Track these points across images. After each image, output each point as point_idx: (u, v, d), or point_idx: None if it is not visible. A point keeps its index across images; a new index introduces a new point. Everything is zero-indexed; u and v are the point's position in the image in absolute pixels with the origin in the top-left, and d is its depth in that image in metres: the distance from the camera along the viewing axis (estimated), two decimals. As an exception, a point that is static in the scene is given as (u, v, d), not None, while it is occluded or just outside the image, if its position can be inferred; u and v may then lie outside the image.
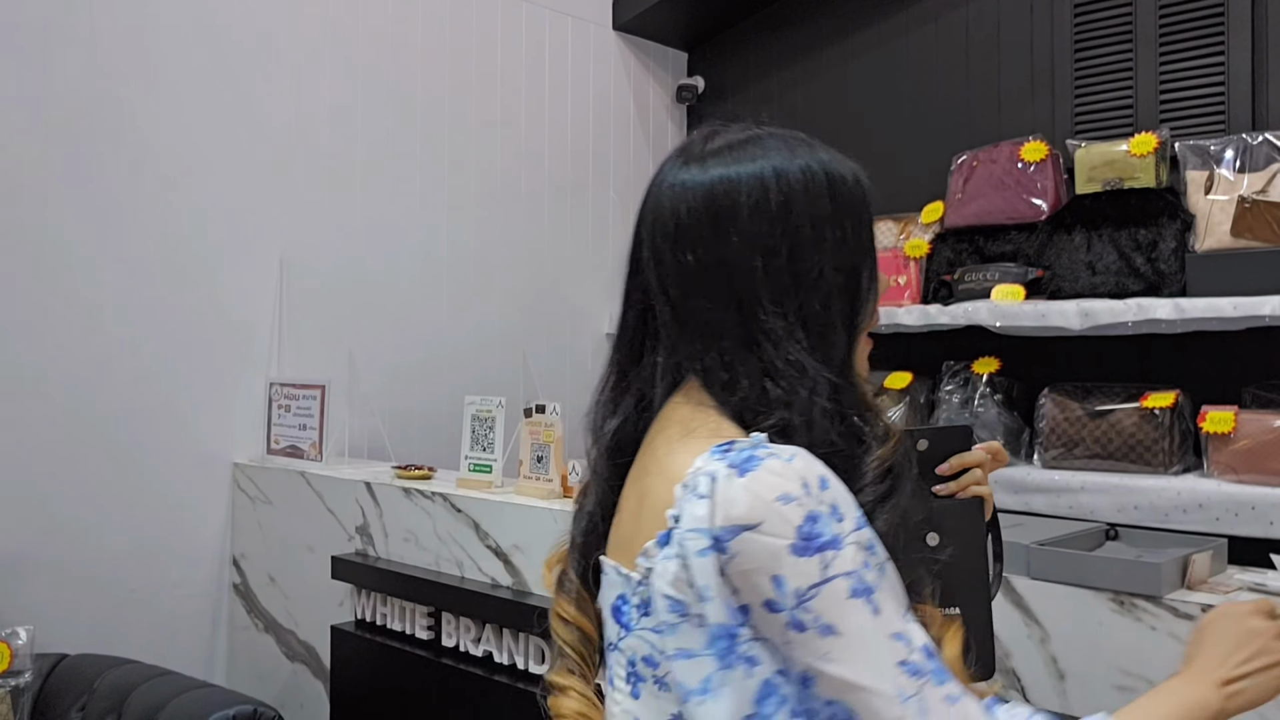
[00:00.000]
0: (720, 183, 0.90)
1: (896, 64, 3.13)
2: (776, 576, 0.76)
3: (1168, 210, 2.33)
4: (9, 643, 1.96)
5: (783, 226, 0.89)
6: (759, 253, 0.88)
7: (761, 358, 0.87)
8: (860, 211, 0.94)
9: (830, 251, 0.91)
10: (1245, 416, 2.15)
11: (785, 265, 0.89)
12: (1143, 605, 1.58)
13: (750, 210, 0.89)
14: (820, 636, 0.76)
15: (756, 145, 0.93)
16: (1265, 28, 2.45)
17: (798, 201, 0.90)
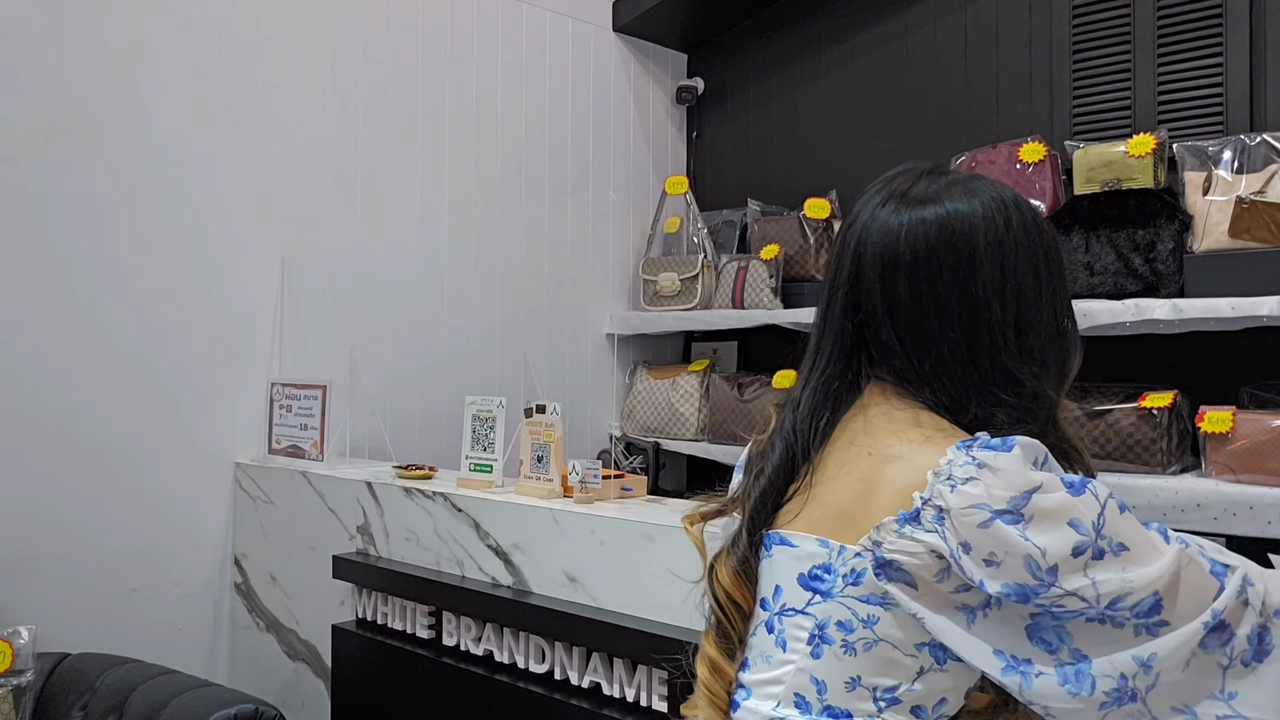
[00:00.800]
0: (959, 221, 1.01)
1: (895, 65, 3.13)
2: (1073, 520, 0.88)
3: (1166, 211, 2.34)
4: (11, 642, 1.96)
5: (1014, 271, 1.01)
6: (994, 293, 1.00)
7: (995, 388, 0.99)
8: (1063, 263, 1.07)
9: (1047, 299, 1.03)
10: (1243, 417, 2.15)
11: (1014, 308, 1.01)
12: (1140, 604, 1.58)
13: (987, 253, 1.00)
14: (1116, 555, 0.88)
15: (983, 187, 1.04)
16: (1263, 29, 2.45)
17: (1024, 251, 1.02)
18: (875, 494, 0.96)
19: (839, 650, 0.95)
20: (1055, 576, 0.87)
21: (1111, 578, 0.87)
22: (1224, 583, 0.89)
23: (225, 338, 2.59)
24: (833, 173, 3.22)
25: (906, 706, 0.94)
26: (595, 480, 1.99)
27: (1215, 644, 0.88)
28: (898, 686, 0.94)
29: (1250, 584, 0.90)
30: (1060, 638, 0.90)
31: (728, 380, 3.14)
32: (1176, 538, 0.92)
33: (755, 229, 3.25)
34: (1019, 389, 0.99)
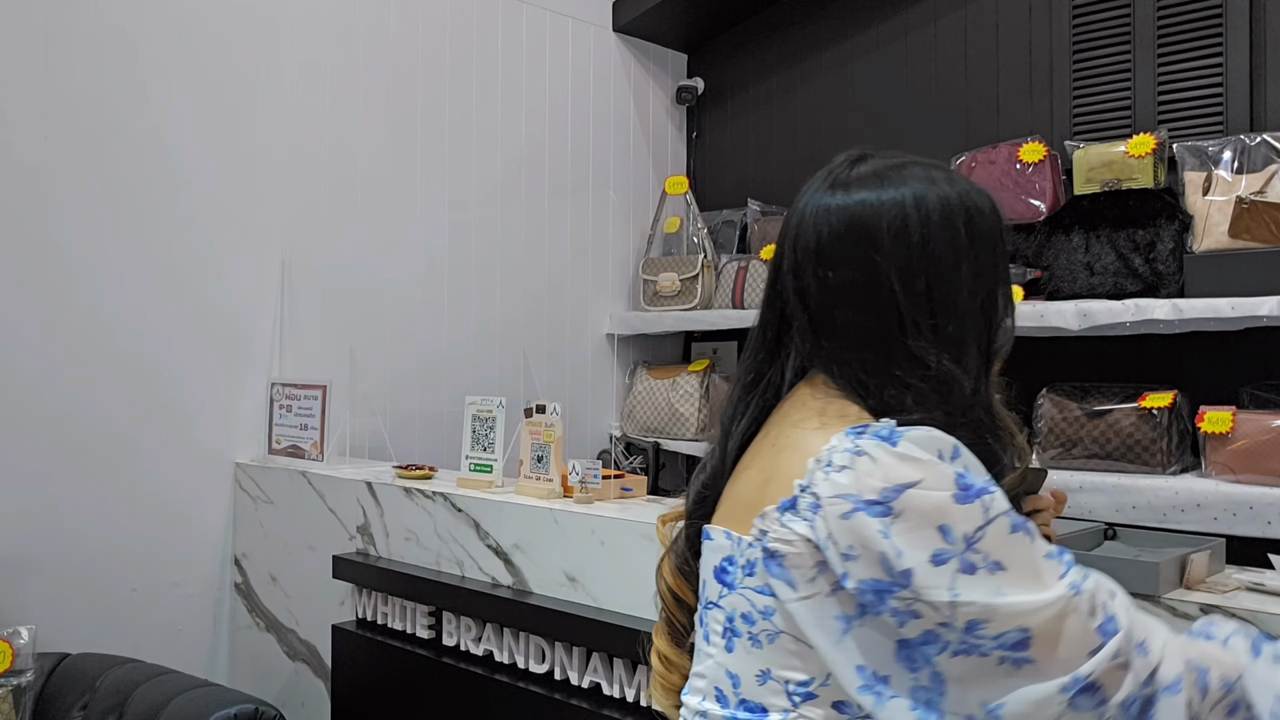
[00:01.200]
0: (862, 207, 1.00)
1: (895, 65, 3.13)
2: (944, 526, 0.84)
3: (1166, 211, 2.34)
4: (11, 642, 1.96)
5: (921, 253, 0.98)
6: (899, 276, 0.97)
7: (900, 370, 0.96)
8: (995, 242, 1.06)
9: (966, 279, 1.01)
10: (1243, 416, 2.15)
11: (924, 290, 0.98)
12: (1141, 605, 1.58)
13: (891, 236, 0.98)
14: (990, 573, 0.83)
15: (898, 173, 1.04)
16: (1263, 29, 2.45)
17: (936, 231, 1.00)
18: (771, 483, 0.95)
19: (747, 643, 0.93)
20: (909, 580, 0.83)
21: (976, 598, 0.82)
22: (1106, 642, 0.83)
23: (225, 338, 2.59)
24: (833, 173, 3.21)
25: (826, 701, 0.89)
26: (595, 480, 1.99)
27: (1087, 706, 0.82)
28: (810, 681, 0.90)
29: (1144, 651, 0.84)
30: (927, 660, 0.84)
31: (728, 380, 3.14)
32: (1079, 582, 0.86)
33: (755, 229, 3.25)
34: (926, 372, 0.97)
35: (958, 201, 1.04)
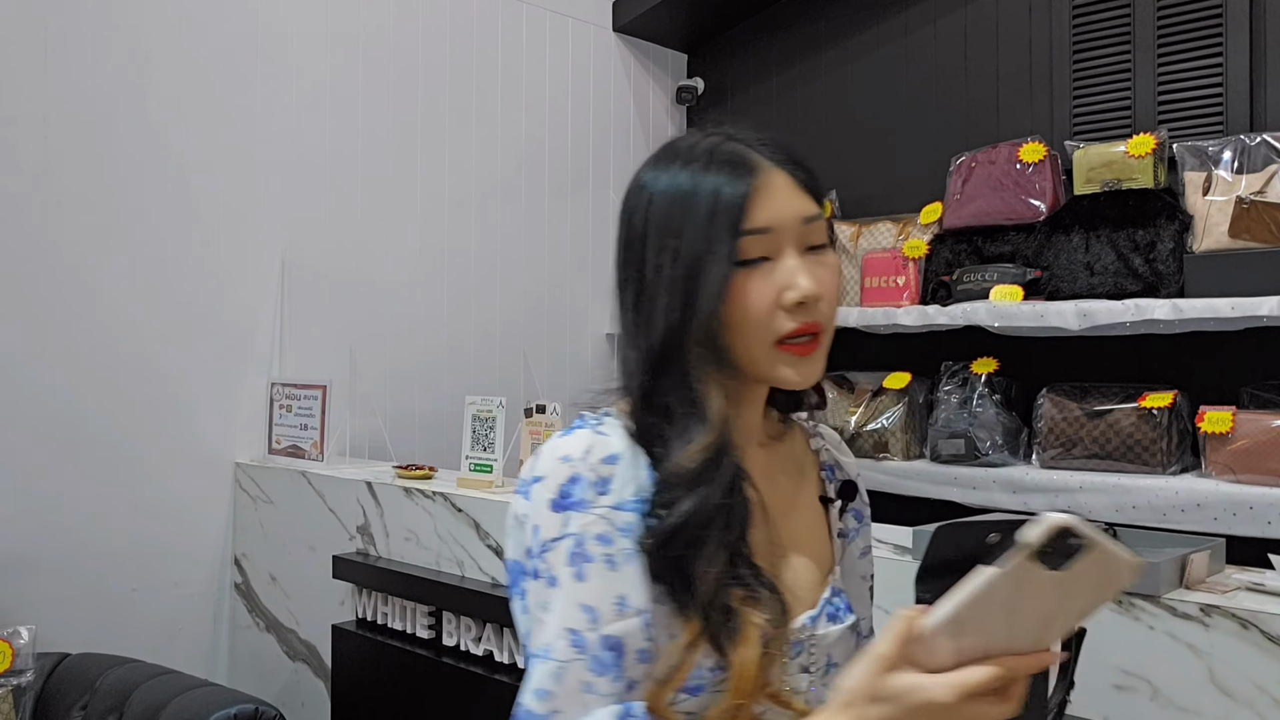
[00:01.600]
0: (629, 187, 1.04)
1: (896, 65, 3.13)
2: (536, 526, 0.90)
3: (1166, 211, 2.34)
4: (11, 642, 1.96)
5: (622, 239, 1.02)
6: (616, 262, 1.02)
7: (622, 358, 1.03)
8: (682, 222, 0.99)
9: (651, 263, 0.99)
10: (1243, 416, 2.15)
11: (621, 278, 1.02)
12: (1141, 605, 1.58)
13: (621, 214, 1.03)
14: (546, 587, 0.89)
15: (654, 155, 1.04)
16: (1263, 29, 2.45)
17: (627, 215, 1.02)
18: None
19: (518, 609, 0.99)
20: (509, 567, 0.94)
21: (530, 603, 0.91)
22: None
23: (225, 338, 2.60)
24: (833, 173, 3.22)
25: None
26: (595, 480, 1.98)
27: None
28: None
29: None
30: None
31: (728, 380, 3.14)
32: (553, 654, 0.88)
33: (755, 229, 3.25)
34: (626, 354, 1.02)
35: (650, 187, 1.01)
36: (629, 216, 1.03)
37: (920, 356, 2.81)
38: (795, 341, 0.98)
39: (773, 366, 0.99)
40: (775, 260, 0.98)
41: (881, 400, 2.75)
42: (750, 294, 0.97)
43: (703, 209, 0.98)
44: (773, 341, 0.98)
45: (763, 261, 0.98)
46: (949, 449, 2.57)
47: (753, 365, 0.99)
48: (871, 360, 2.93)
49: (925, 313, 2.61)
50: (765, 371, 0.99)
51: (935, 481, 2.55)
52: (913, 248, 2.76)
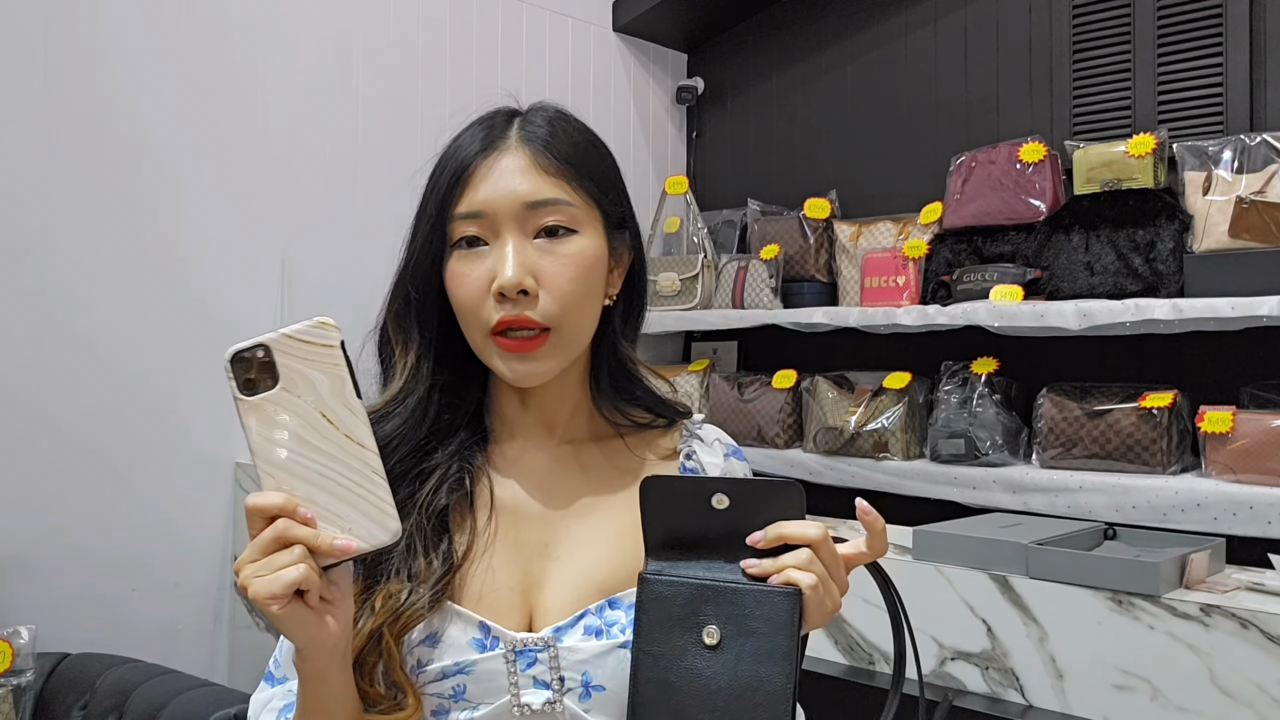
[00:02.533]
0: None
1: (895, 65, 3.13)
2: None
3: (1166, 211, 2.34)
4: (11, 642, 1.96)
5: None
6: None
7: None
8: (421, 205, 1.04)
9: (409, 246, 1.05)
10: (1243, 416, 2.15)
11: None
12: (1141, 604, 1.58)
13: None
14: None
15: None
16: (1263, 29, 2.45)
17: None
18: None
19: None
20: None
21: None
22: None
23: (225, 338, 2.57)
24: (833, 173, 3.22)
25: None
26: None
27: None
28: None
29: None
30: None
31: (728, 380, 3.14)
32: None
33: (755, 229, 3.25)
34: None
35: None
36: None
37: (920, 356, 2.82)
38: (506, 336, 0.94)
39: (491, 359, 0.97)
40: (492, 246, 0.96)
41: (881, 400, 2.75)
42: (460, 279, 0.97)
43: (429, 188, 1.02)
44: (485, 332, 0.96)
45: (479, 245, 0.97)
46: (949, 449, 2.57)
47: (481, 356, 0.98)
48: (871, 360, 2.93)
49: (925, 312, 2.61)
50: (490, 364, 0.98)
51: (935, 481, 2.55)
52: (913, 247, 2.76)
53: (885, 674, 1.90)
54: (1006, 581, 1.72)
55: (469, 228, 0.97)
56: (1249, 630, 1.46)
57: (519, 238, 0.95)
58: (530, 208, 0.96)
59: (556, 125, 1.02)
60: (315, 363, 0.78)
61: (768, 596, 0.80)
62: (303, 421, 0.78)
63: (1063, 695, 1.63)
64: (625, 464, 1.05)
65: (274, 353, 0.79)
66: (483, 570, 0.94)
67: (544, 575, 0.96)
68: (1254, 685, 1.45)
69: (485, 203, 0.96)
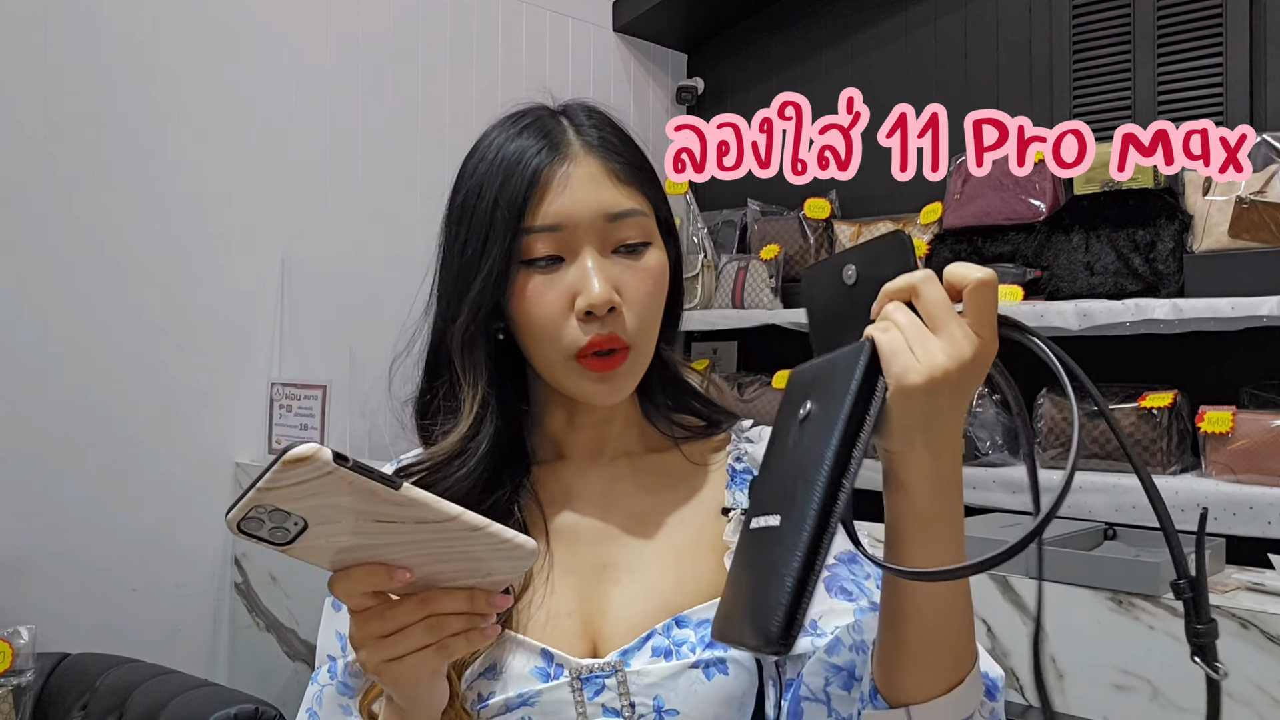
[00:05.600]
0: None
1: (896, 65, 3.13)
2: None
3: (1166, 211, 2.34)
4: (10, 642, 1.96)
5: (447, 207, 0.99)
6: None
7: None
8: (471, 218, 0.92)
9: (444, 251, 0.96)
10: (1243, 416, 2.15)
11: (440, 252, 0.99)
12: (1141, 604, 1.58)
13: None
14: (326, 610, 0.96)
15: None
16: (1264, 28, 2.45)
17: (455, 188, 0.99)
18: None
19: None
20: None
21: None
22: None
23: (225, 337, 2.59)
24: (833, 172, 3.22)
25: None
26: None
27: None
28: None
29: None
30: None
31: (728, 380, 3.14)
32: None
33: (755, 229, 3.25)
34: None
35: (482, 142, 0.99)
36: (454, 189, 0.97)
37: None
38: (593, 356, 0.87)
39: (570, 381, 0.90)
40: (570, 261, 0.89)
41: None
42: (536, 299, 0.88)
43: (488, 199, 0.90)
44: (569, 354, 0.88)
45: (557, 262, 0.89)
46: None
47: (553, 378, 0.90)
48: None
49: (925, 312, 2.61)
50: (564, 386, 0.90)
51: (935, 481, 2.54)
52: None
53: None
54: (1007, 581, 1.72)
55: (545, 243, 0.88)
56: (1249, 630, 1.46)
57: (596, 255, 0.88)
58: (611, 220, 0.89)
59: (608, 129, 0.97)
60: (326, 493, 0.63)
61: (842, 357, 0.68)
62: (363, 535, 0.67)
63: (1063, 695, 1.63)
64: (682, 475, 0.99)
65: (277, 504, 0.64)
66: (541, 598, 0.90)
67: (605, 599, 0.91)
68: (1254, 685, 1.45)
69: (563, 215, 0.88)
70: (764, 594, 0.63)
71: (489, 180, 0.91)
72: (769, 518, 0.67)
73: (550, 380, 0.91)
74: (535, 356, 0.91)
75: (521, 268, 0.89)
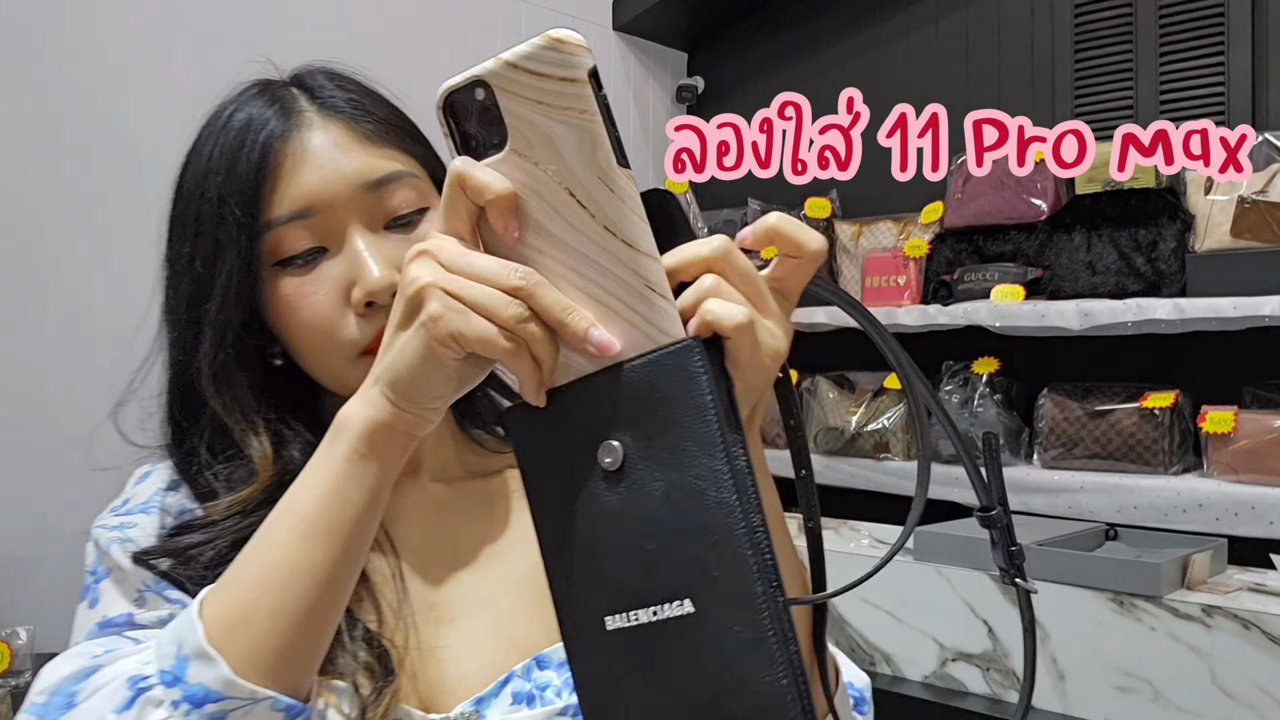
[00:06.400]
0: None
1: (896, 64, 3.13)
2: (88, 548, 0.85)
3: (1167, 210, 2.33)
4: (9, 643, 1.96)
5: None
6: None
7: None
8: (197, 218, 0.79)
9: (167, 262, 0.83)
10: (1245, 416, 2.15)
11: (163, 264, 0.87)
12: (1142, 605, 1.58)
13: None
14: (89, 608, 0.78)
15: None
16: (1265, 28, 2.45)
17: (178, 180, 0.87)
18: None
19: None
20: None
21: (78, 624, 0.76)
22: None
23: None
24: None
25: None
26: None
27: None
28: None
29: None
30: None
31: (728, 380, 3.14)
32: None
33: (756, 228, 3.24)
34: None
35: (203, 129, 0.83)
36: (174, 194, 0.82)
37: (921, 356, 2.78)
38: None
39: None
40: (335, 250, 0.74)
41: (882, 400, 2.74)
42: (299, 303, 0.74)
43: (212, 196, 0.77)
44: (352, 356, 0.74)
45: (318, 255, 0.74)
46: (950, 449, 2.56)
47: (346, 391, 0.68)
48: (872, 360, 2.92)
49: (926, 312, 2.61)
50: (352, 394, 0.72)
51: (936, 482, 2.54)
52: (913, 247, 2.76)
53: (885, 674, 1.90)
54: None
55: (297, 234, 0.73)
56: (1250, 631, 1.45)
57: (367, 233, 0.74)
58: (372, 189, 0.75)
59: (353, 88, 0.83)
60: (555, 109, 0.52)
61: (661, 360, 0.51)
62: (541, 202, 0.53)
63: (1064, 696, 1.63)
64: (515, 494, 0.85)
65: (496, 94, 0.53)
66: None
67: (437, 641, 0.75)
68: (1255, 686, 1.45)
69: (310, 195, 0.73)
70: (739, 693, 0.48)
71: (210, 174, 0.78)
72: (661, 607, 0.50)
73: (344, 394, 0.69)
74: (317, 370, 0.77)
75: (274, 271, 0.75)
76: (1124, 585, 1.59)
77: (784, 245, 0.59)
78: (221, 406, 0.78)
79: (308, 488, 0.61)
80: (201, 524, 0.75)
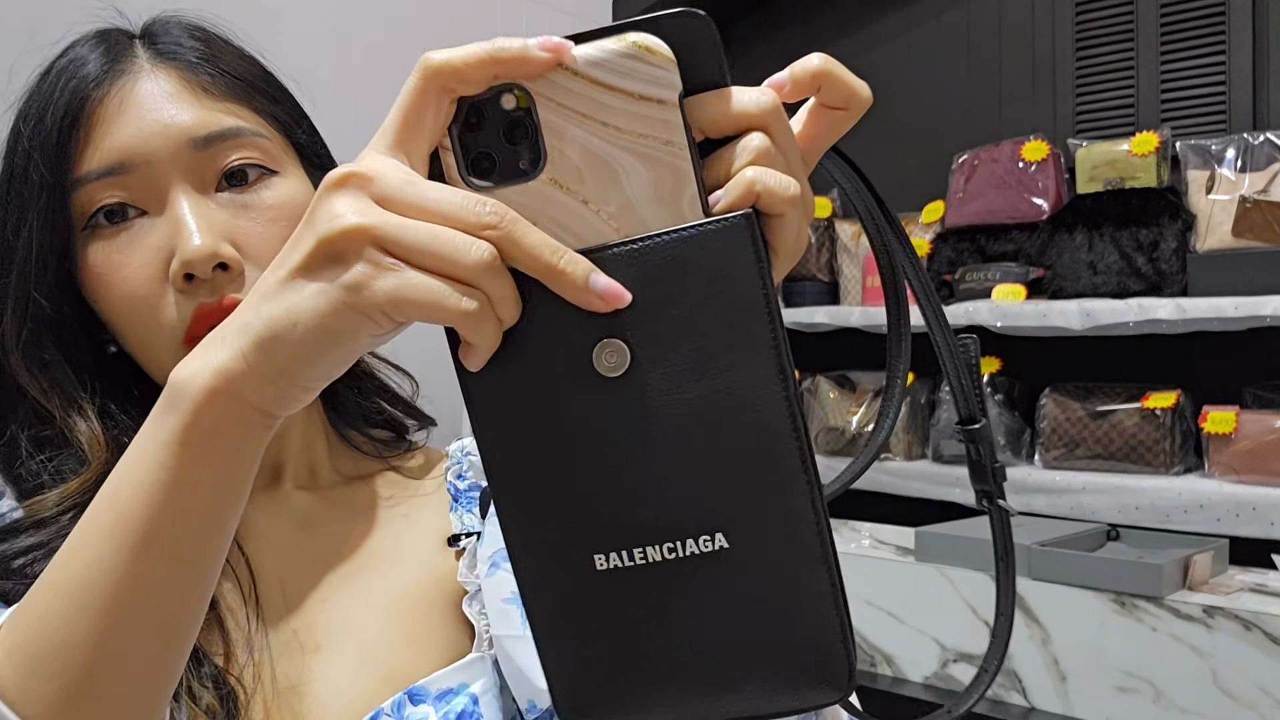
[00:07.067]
0: None
1: (896, 63, 3.13)
2: None
3: (1169, 210, 2.33)
4: (9, 642, 1.96)
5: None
6: None
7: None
8: (7, 177, 0.67)
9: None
10: (1247, 417, 2.15)
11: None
12: (1144, 606, 1.58)
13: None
14: None
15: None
16: (1267, 27, 2.44)
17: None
18: None
19: None
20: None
21: None
22: None
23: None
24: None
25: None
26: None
27: None
28: None
29: None
30: None
31: (729, 380, 3.13)
32: None
33: (756, 228, 3.24)
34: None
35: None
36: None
37: (923, 356, 2.79)
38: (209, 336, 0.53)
39: None
40: (156, 213, 0.65)
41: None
42: (112, 273, 0.64)
43: (22, 151, 0.67)
44: (175, 340, 0.63)
45: (135, 216, 0.64)
46: (951, 449, 2.56)
47: (161, 375, 0.62)
48: (873, 360, 2.92)
49: (927, 312, 2.61)
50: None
51: (937, 482, 2.54)
52: (914, 247, 2.76)
53: (886, 675, 1.90)
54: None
55: (108, 192, 0.63)
56: (1252, 632, 1.45)
57: (194, 194, 0.64)
58: (201, 147, 0.65)
59: (203, 37, 0.73)
60: (625, 134, 0.43)
61: (699, 239, 0.41)
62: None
63: (1065, 697, 1.63)
64: (392, 502, 0.76)
65: (537, 104, 0.44)
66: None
67: (300, 673, 0.66)
68: (1257, 687, 1.44)
69: (126, 150, 0.63)
70: (782, 632, 0.41)
71: (24, 127, 0.67)
72: (683, 542, 0.41)
73: (160, 379, 0.62)
74: (143, 358, 0.66)
75: (84, 236, 0.65)
76: (1125, 586, 1.59)
77: (830, 94, 0.48)
78: (35, 387, 0.65)
79: (131, 478, 0.45)
80: (28, 525, 0.61)
